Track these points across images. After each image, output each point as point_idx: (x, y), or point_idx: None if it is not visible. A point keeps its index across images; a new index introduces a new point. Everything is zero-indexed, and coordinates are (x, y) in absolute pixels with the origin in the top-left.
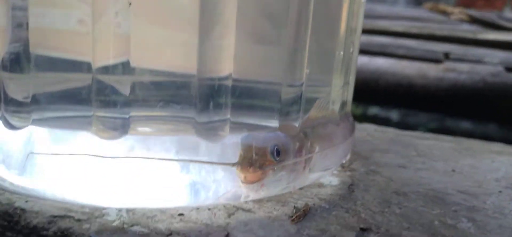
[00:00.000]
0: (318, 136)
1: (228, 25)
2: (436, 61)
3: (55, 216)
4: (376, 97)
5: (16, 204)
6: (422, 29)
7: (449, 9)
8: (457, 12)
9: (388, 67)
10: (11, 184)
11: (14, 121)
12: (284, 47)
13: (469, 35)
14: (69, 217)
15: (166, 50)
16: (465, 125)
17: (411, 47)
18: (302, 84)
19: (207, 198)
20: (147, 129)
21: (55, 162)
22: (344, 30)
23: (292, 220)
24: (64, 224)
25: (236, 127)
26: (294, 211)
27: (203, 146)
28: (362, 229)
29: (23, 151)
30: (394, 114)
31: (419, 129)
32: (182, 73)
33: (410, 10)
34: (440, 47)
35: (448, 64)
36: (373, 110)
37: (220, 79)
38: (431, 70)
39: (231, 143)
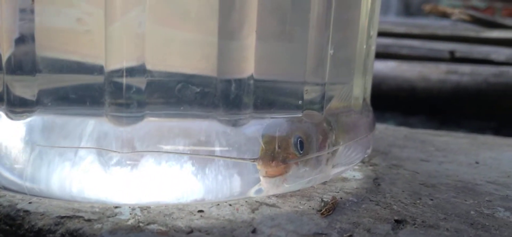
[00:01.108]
0: (342, 127)
1: (249, 25)
2: (442, 60)
3: (62, 217)
4: (377, 103)
5: (19, 206)
6: (424, 29)
7: (449, 10)
8: (458, 12)
9: (389, 72)
10: (13, 183)
11: (17, 112)
12: (306, 45)
13: (472, 34)
14: (78, 217)
15: (184, 53)
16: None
17: (415, 46)
18: (325, 84)
19: (227, 193)
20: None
21: (60, 156)
22: (364, 24)
23: (322, 214)
24: (72, 225)
25: (258, 117)
26: (322, 204)
27: (223, 139)
28: (397, 221)
29: (27, 146)
30: (390, 122)
31: None
32: (201, 75)
33: (402, 19)
34: (445, 46)
35: (450, 66)
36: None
37: (241, 80)
38: (433, 73)
39: (252, 133)
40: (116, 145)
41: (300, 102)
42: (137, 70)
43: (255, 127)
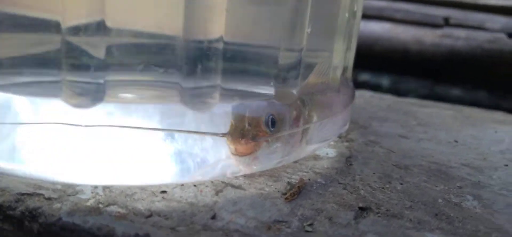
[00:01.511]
0: (317, 104)
1: None
2: (435, 25)
3: (22, 194)
4: (370, 63)
5: None
6: None
7: None
8: None
9: (383, 33)
10: None
11: None
12: (283, 6)
13: (469, 0)
14: (38, 195)
15: (146, 8)
16: (455, 91)
17: (409, 11)
18: (302, 49)
19: (193, 173)
20: (126, 95)
21: (22, 132)
22: None
23: (286, 198)
24: (32, 203)
25: (227, 94)
26: (288, 187)
27: (189, 115)
28: (361, 208)
29: None
30: (384, 81)
31: (410, 95)
32: (165, 35)
33: None
34: (439, 12)
35: (445, 30)
36: (364, 76)
37: (209, 42)
38: (428, 37)
39: (221, 112)
40: (77, 118)
41: (274, 71)
42: (96, 28)
43: (225, 107)
